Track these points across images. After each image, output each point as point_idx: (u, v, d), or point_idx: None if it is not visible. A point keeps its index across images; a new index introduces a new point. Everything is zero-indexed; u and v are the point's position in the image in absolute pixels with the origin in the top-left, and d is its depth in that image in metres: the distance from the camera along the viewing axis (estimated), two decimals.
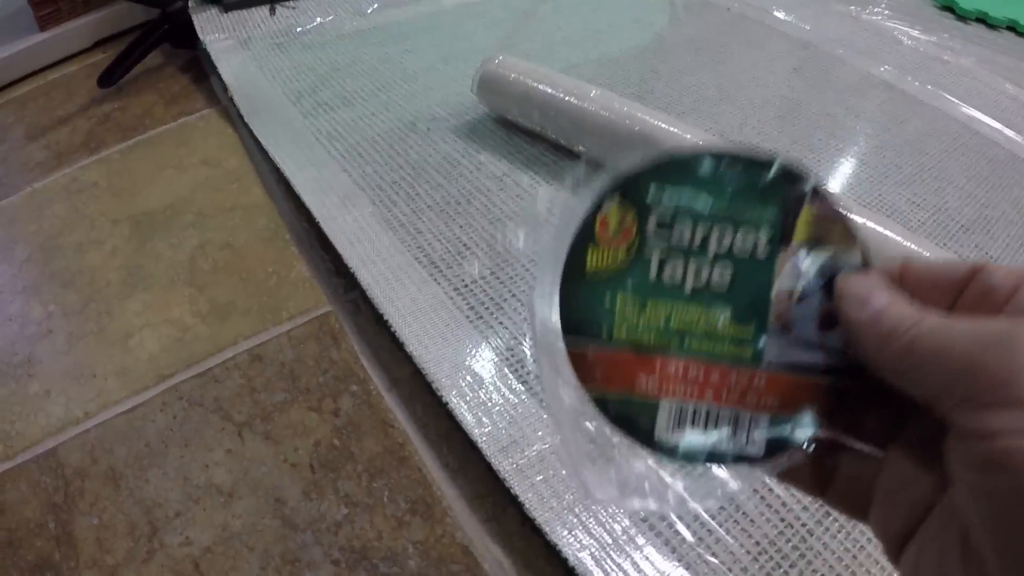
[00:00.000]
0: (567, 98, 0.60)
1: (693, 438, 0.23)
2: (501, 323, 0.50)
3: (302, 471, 0.44)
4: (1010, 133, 0.75)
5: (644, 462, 0.25)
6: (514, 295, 0.52)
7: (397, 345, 0.48)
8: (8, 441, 0.45)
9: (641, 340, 0.23)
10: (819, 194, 0.22)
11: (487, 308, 0.51)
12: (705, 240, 0.23)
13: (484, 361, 0.47)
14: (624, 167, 0.24)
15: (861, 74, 0.81)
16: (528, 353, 0.47)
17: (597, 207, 0.23)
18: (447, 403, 0.45)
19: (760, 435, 0.22)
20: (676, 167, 0.23)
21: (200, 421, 0.46)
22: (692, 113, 0.72)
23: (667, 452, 0.24)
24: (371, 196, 0.59)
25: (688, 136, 0.57)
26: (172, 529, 0.41)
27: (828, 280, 0.22)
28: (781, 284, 0.22)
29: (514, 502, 0.41)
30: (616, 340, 0.23)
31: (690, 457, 0.23)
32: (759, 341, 0.22)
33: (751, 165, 0.23)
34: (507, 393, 0.46)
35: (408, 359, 0.47)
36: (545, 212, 0.25)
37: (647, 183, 0.23)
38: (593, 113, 0.59)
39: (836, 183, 0.65)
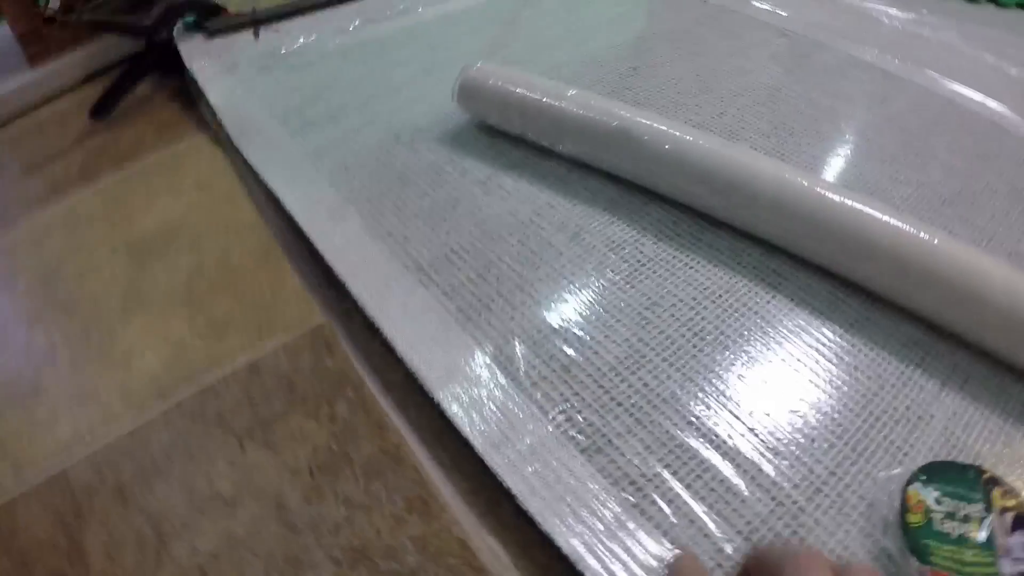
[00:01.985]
0: (544, 100, 0.61)
1: None
2: (489, 323, 0.51)
3: (302, 476, 0.45)
4: (993, 104, 0.75)
5: None
6: (501, 295, 0.53)
7: (389, 350, 0.49)
8: (19, 467, 0.46)
9: (944, 566, 0.37)
10: (998, 480, 0.40)
11: (475, 310, 0.52)
12: (956, 510, 0.39)
13: (474, 361, 0.49)
14: (913, 468, 0.42)
15: (841, 57, 0.82)
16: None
17: (905, 490, 0.40)
18: (439, 403, 0.46)
19: None
20: (937, 468, 0.42)
21: (202, 434, 0.47)
22: (672, 106, 0.72)
23: None
24: (359, 208, 0.60)
25: (665, 128, 0.57)
26: (179, 539, 0.42)
27: (1021, 524, 0.38)
28: (997, 531, 0.38)
29: (507, 495, 0.42)
30: (934, 564, 0.37)
31: None
32: (996, 564, 0.37)
33: (965, 468, 0.42)
34: (496, 390, 0.47)
35: (400, 363, 0.48)
36: None
37: (927, 477, 0.41)
38: (571, 113, 0.60)
39: (818, 166, 0.65)
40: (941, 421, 0.46)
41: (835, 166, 0.66)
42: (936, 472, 0.41)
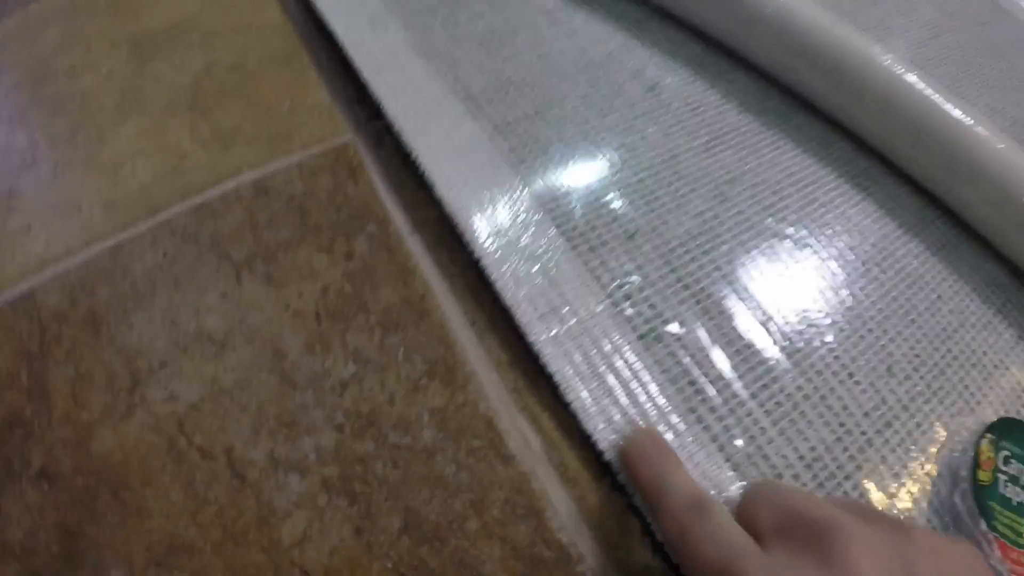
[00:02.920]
0: None
1: None
2: (547, 168, 0.43)
3: (306, 320, 0.37)
4: None
5: None
6: (562, 139, 0.45)
7: (424, 185, 0.41)
8: None
9: (1004, 533, 0.34)
10: None
11: (531, 151, 0.44)
12: (1020, 474, 0.36)
13: (524, 211, 0.41)
14: (985, 420, 0.38)
15: None
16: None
17: (979, 444, 0.36)
18: (477, 255, 0.38)
19: None
20: (1011, 426, 0.38)
21: (193, 259, 0.40)
22: None
23: None
24: (404, 20, 0.51)
25: None
26: (155, 382, 0.35)
27: None
28: None
29: (547, 373, 0.35)
30: (997, 530, 0.34)
31: None
32: None
33: None
34: (547, 249, 0.40)
35: (437, 201, 0.40)
36: None
37: (999, 432, 0.37)
38: None
39: (912, 66, 0.57)
40: (1016, 374, 0.42)
41: (932, 76, 0.58)
42: (1008, 430, 0.38)
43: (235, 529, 0.32)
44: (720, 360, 0.38)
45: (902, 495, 0.36)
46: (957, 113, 0.45)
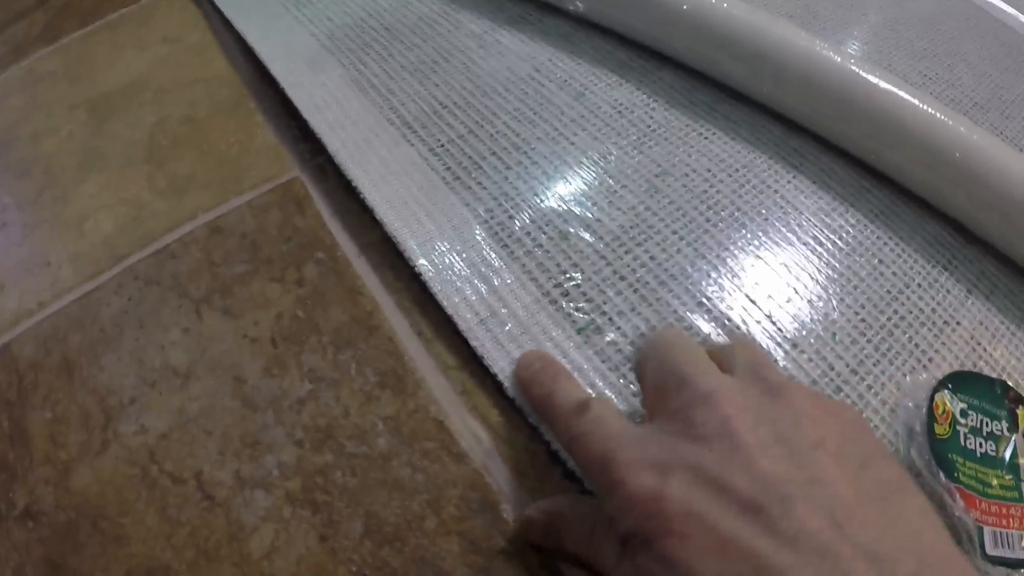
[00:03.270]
0: None
1: (1002, 552, 0.33)
2: (481, 184, 0.45)
3: (263, 346, 0.40)
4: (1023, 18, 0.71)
5: None
6: (495, 153, 0.47)
7: (366, 210, 0.44)
8: None
9: (969, 484, 0.34)
10: (1022, 399, 0.38)
11: (465, 169, 0.46)
12: (981, 425, 0.37)
13: (461, 225, 0.43)
14: (939, 376, 0.39)
15: None
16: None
17: (932, 398, 0.37)
18: (419, 270, 0.41)
19: None
20: (964, 378, 0.39)
21: (156, 300, 0.42)
22: None
23: (992, 561, 0.33)
24: (340, 59, 0.54)
25: None
26: (127, 417, 0.38)
27: None
28: (1021, 452, 0.36)
29: (492, 373, 0.37)
30: (961, 481, 0.34)
31: (1007, 564, 0.33)
32: (1019, 488, 0.35)
33: (991, 382, 0.39)
34: (485, 258, 0.42)
35: (378, 224, 0.43)
36: None
37: (953, 385, 0.38)
38: None
39: (846, 48, 0.60)
40: (967, 329, 0.43)
41: (861, 54, 0.61)
42: (963, 382, 0.39)
43: (207, 547, 0.34)
44: None
45: None
46: (875, 80, 0.47)
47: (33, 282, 0.44)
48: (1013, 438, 0.37)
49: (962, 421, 0.37)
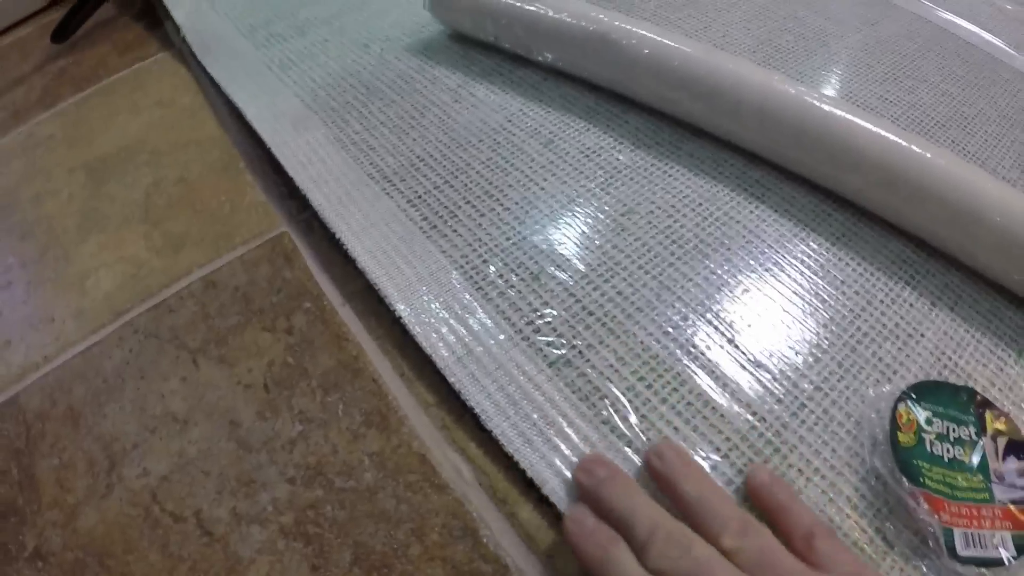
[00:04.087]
0: (519, 4, 0.58)
1: (974, 552, 0.34)
2: (456, 231, 0.48)
3: (256, 391, 0.42)
4: (986, 35, 0.73)
5: None
6: (468, 202, 0.50)
7: (350, 261, 0.47)
8: None
9: (936, 489, 0.36)
10: (990, 403, 0.40)
11: (441, 218, 0.49)
12: (948, 431, 0.38)
13: (438, 271, 0.46)
14: (906, 386, 0.40)
15: None
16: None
17: (895, 408, 0.39)
18: (399, 315, 0.43)
19: (1009, 545, 0.34)
20: (928, 387, 0.40)
21: (155, 352, 0.45)
22: (654, 18, 0.69)
23: (963, 562, 0.34)
24: (323, 118, 0.57)
25: (645, 33, 0.54)
26: (130, 462, 0.40)
27: (1013, 450, 0.38)
28: (989, 455, 0.37)
29: (469, 407, 0.40)
30: (927, 486, 0.36)
31: (980, 563, 0.34)
32: (990, 489, 0.36)
33: (957, 390, 0.40)
34: (460, 300, 0.44)
35: (361, 273, 0.46)
36: None
37: (917, 396, 0.39)
38: (547, 17, 0.57)
39: (804, 83, 0.62)
40: (932, 340, 0.44)
41: (822, 83, 0.63)
42: (928, 391, 0.40)
43: None
44: (628, 373, 0.41)
45: (824, 469, 0.38)
46: (828, 108, 0.49)
47: (38, 337, 0.47)
48: (981, 442, 0.38)
49: (928, 428, 0.38)
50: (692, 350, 0.43)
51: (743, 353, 0.43)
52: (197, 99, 0.64)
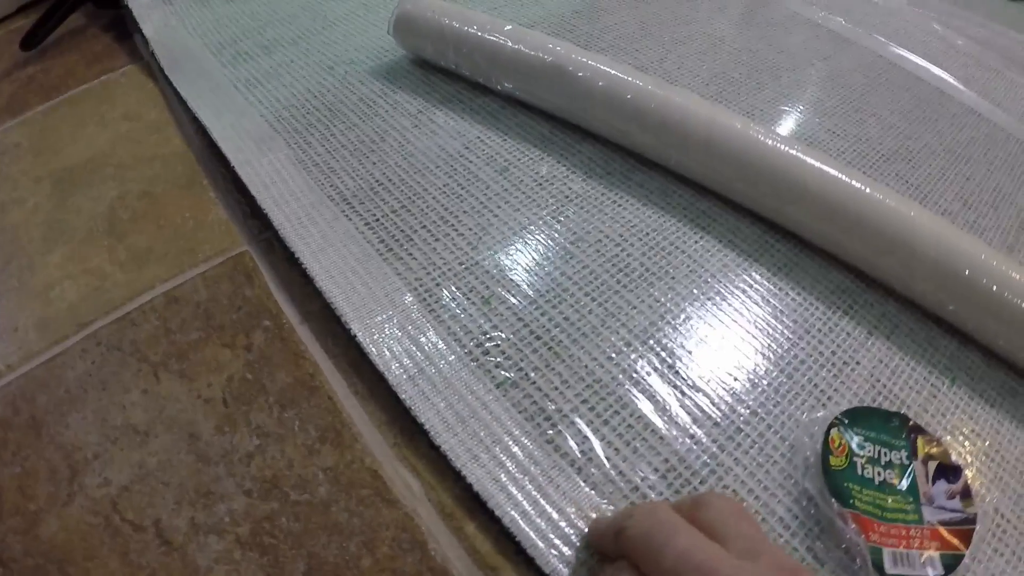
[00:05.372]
0: (480, 33, 0.60)
1: (902, 571, 0.36)
2: (411, 255, 0.50)
3: (215, 406, 0.44)
4: (936, 70, 0.76)
5: None
6: (424, 227, 0.52)
7: (309, 281, 0.48)
8: None
9: (865, 510, 0.38)
10: (922, 429, 0.42)
11: (397, 240, 0.51)
12: (879, 455, 0.40)
13: (393, 292, 0.48)
14: (837, 412, 0.42)
15: (787, 13, 0.82)
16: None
17: (828, 432, 0.41)
18: (354, 334, 0.45)
19: (937, 564, 0.37)
20: (861, 413, 0.43)
21: (118, 364, 0.46)
22: (612, 50, 0.72)
23: None
24: (286, 139, 0.59)
25: (600, 65, 0.57)
26: (91, 471, 0.42)
27: (943, 474, 0.40)
28: (919, 478, 0.40)
29: (423, 426, 0.42)
30: (857, 507, 0.38)
31: None
32: (919, 511, 0.38)
33: (889, 415, 0.43)
34: (413, 322, 0.47)
35: (319, 293, 0.48)
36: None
37: (850, 421, 0.42)
38: (506, 47, 0.59)
39: (755, 116, 0.65)
40: (867, 368, 0.47)
41: (773, 116, 0.66)
42: (860, 417, 0.42)
43: None
44: (572, 395, 0.44)
45: (758, 490, 0.41)
46: (772, 143, 0.51)
47: (1, 346, 0.48)
48: (912, 466, 0.40)
49: (859, 453, 0.40)
50: (634, 375, 0.45)
51: (683, 379, 0.45)
52: (163, 114, 0.65)
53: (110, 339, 0.48)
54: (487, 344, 0.46)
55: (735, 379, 0.46)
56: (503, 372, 0.44)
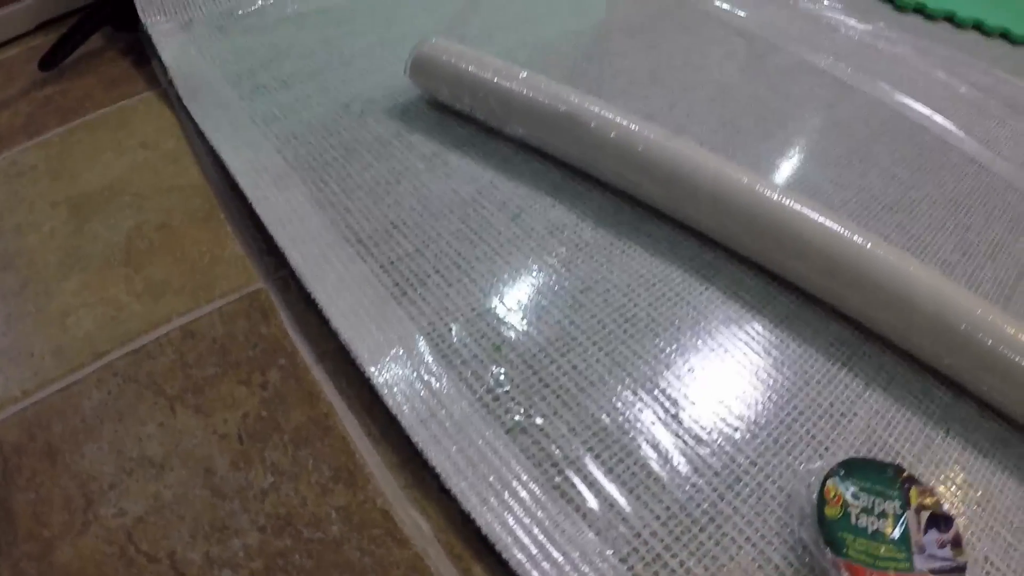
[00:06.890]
0: (495, 79, 0.62)
1: None
2: (424, 299, 0.52)
3: (230, 442, 0.45)
4: (939, 119, 0.77)
5: None
6: (438, 271, 0.54)
7: (324, 320, 0.50)
8: None
9: (858, 559, 0.39)
10: (916, 479, 0.43)
11: (411, 284, 0.53)
12: (873, 505, 0.42)
13: (407, 336, 0.49)
14: (834, 463, 0.44)
15: (794, 60, 0.83)
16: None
17: (824, 483, 0.42)
18: (369, 376, 0.46)
19: None
20: (857, 464, 0.44)
21: (134, 396, 0.47)
22: (622, 96, 0.73)
23: None
24: (303, 176, 0.60)
25: (612, 116, 0.58)
26: (106, 501, 0.43)
27: (935, 523, 0.41)
28: (912, 528, 0.41)
29: (433, 468, 0.43)
30: (849, 556, 0.39)
31: None
32: (911, 559, 0.39)
33: (884, 466, 0.44)
34: (426, 366, 0.48)
35: (334, 334, 0.49)
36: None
37: (845, 472, 0.43)
38: (520, 94, 0.61)
39: (762, 164, 0.67)
40: (864, 419, 0.48)
41: (778, 166, 0.68)
42: (856, 468, 0.43)
43: None
44: (579, 443, 0.45)
45: (755, 538, 0.42)
46: (777, 198, 0.53)
47: (17, 371, 0.49)
48: (905, 515, 0.41)
49: (853, 503, 0.41)
50: (639, 424, 0.46)
51: (686, 429, 0.46)
52: (180, 144, 0.66)
53: (127, 370, 0.49)
54: (497, 390, 0.47)
55: (736, 429, 0.47)
56: (512, 418, 0.46)
